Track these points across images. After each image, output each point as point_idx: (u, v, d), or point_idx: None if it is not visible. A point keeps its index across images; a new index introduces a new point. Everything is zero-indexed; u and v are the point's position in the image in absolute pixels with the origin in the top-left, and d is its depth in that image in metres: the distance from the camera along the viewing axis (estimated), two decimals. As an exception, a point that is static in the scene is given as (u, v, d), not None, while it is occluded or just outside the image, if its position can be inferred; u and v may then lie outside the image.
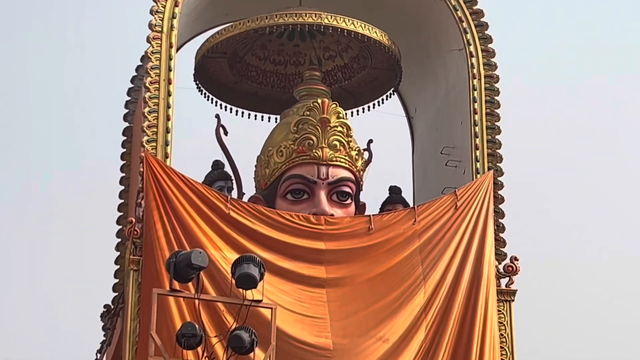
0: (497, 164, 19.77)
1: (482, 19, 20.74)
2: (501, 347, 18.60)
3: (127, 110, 21.25)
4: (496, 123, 20.07)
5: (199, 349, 14.26)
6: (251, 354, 14.39)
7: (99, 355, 20.48)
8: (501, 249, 19.29)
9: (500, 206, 19.60)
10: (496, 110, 20.17)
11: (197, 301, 14.87)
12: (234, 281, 14.65)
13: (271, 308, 15.02)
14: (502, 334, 18.74)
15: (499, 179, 19.71)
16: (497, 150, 19.91)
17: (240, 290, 14.56)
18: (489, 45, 20.55)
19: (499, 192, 19.68)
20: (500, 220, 19.51)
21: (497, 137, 19.97)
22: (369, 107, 22.81)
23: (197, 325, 14.17)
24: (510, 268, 19.19)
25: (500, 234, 19.37)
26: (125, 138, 21.02)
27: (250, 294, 14.64)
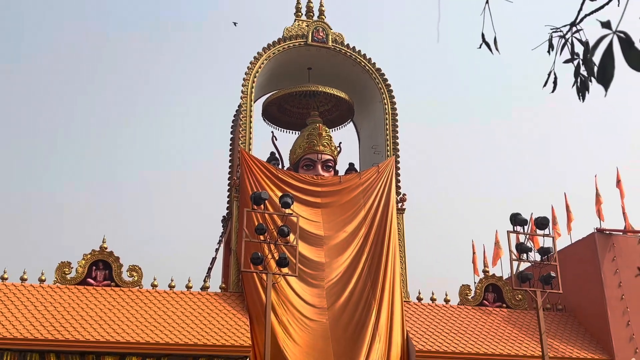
0: (397, 153, 20.57)
1: (390, 86, 21.14)
2: (399, 238, 19.57)
3: (232, 129, 21.78)
4: (397, 134, 20.79)
5: (266, 235, 15.73)
6: (289, 237, 15.91)
7: (219, 238, 21.43)
8: (399, 190, 20.16)
9: (398, 171, 20.31)
10: (397, 129, 20.85)
11: (266, 214, 16.65)
12: (280, 204, 16.38)
13: (297, 217, 16.66)
14: (399, 230, 19.77)
15: (397, 161, 20.46)
16: (397, 147, 20.69)
17: (283, 209, 16.28)
18: (394, 100, 21.01)
19: (398, 165, 20.40)
20: (398, 176, 20.24)
21: (397, 140, 20.75)
22: (339, 127, 23.20)
23: (264, 225, 15.92)
24: (402, 198, 20.21)
25: (398, 184, 20.17)
26: (231, 142, 21.70)
27: (287, 211, 16.37)
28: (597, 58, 2.95)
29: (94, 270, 17.53)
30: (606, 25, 2.91)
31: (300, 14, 21.59)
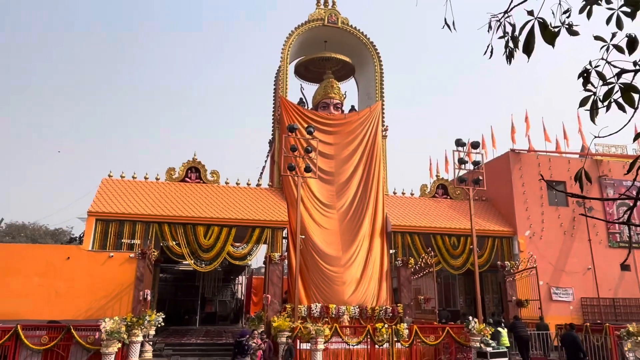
0: (383, 99, 19.95)
1: (379, 53, 20.35)
2: (382, 155, 19.25)
3: (274, 82, 20.96)
4: (383, 86, 20.13)
5: (297, 151, 15.43)
6: (311, 153, 15.57)
7: (267, 153, 21.30)
8: (383, 122, 19.67)
9: (383, 110, 19.75)
10: (383, 84, 20.18)
11: (297, 139, 16.05)
12: (306, 132, 15.96)
13: (316, 141, 16.38)
14: (383, 149, 19.38)
15: (383, 104, 19.85)
16: (383, 94, 20.05)
17: (308, 135, 15.88)
18: (381, 62, 20.30)
19: (383, 106, 19.81)
20: (383, 113, 19.73)
21: (383, 90, 20.11)
22: (345, 81, 22.40)
23: (295, 145, 15.66)
24: (385, 128, 19.69)
25: (383, 119, 19.69)
26: (274, 93, 20.76)
27: (310, 137, 15.96)
28: (523, 35, 2.84)
29: (189, 173, 17.81)
30: (530, 13, 2.82)
31: (319, 4, 20.71)
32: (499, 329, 12.60)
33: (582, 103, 2.94)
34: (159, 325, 13.74)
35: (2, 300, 13.46)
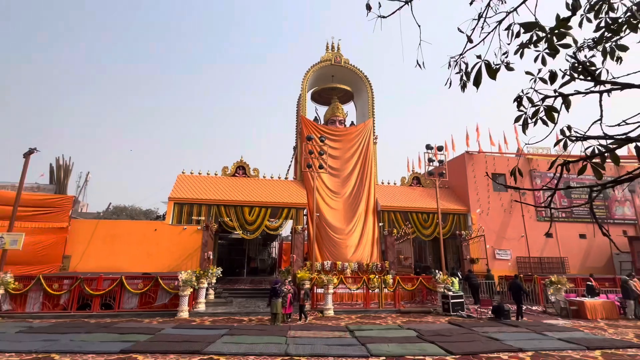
0: (374, 117, 19.36)
1: (371, 83, 19.78)
2: (373, 156, 18.57)
3: (297, 105, 20.66)
4: (374, 107, 19.51)
5: (313, 154, 15.08)
6: (324, 155, 15.01)
7: (292, 156, 20.86)
8: (374, 133, 19.09)
9: (374, 124, 19.19)
10: (374, 104, 19.55)
11: (312, 145, 15.75)
12: (319, 140, 15.66)
13: (327, 146, 16.08)
14: (374, 152, 18.74)
15: (374, 120, 19.24)
16: (374, 115, 19.44)
17: (321, 142, 15.56)
18: (373, 90, 19.68)
19: (374, 122, 19.25)
20: (374, 126, 19.18)
21: (374, 110, 19.52)
22: (347, 103, 21.89)
23: (312, 150, 15.14)
24: (376, 137, 19.08)
25: (374, 131, 19.10)
26: (296, 113, 20.56)
27: (322, 143, 15.68)
28: (473, 72, 2.82)
29: (238, 170, 17.69)
30: (479, 57, 2.77)
31: (328, 49, 20.24)
32: (453, 278, 12.56)
33: (516, 120, 2.89)
34: (219, 276, 13.87)
35: (111, 259, 13.78)
